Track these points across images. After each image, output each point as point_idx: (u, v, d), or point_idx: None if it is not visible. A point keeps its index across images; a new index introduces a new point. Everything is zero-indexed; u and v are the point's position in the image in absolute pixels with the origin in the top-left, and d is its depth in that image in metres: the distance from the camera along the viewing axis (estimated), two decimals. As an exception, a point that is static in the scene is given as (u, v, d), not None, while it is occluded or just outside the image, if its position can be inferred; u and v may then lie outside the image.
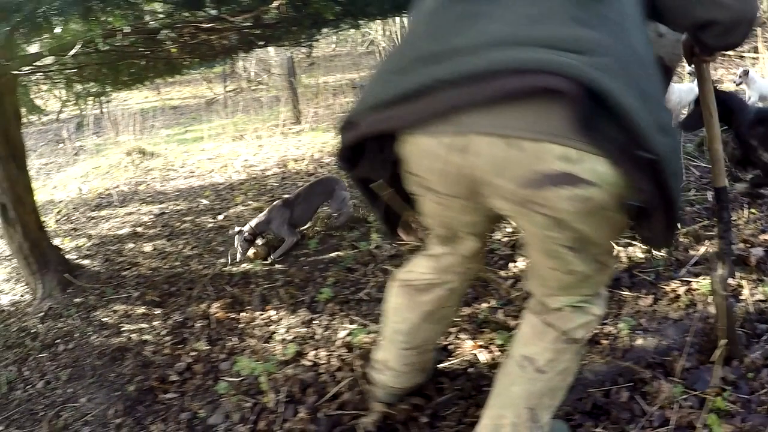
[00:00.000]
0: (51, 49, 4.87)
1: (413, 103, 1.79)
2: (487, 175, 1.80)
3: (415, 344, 2.76)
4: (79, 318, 5.18)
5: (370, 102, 1.96)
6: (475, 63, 1.67)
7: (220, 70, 20.65)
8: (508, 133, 1.69)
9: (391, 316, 2.77)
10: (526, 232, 2.06)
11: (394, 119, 1.88)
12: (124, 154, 11.91)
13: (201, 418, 3.48)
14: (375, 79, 2.03)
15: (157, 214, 8.06)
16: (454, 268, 2.54)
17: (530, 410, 2.29)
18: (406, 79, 1.81)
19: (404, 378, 2.90)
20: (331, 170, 8.45)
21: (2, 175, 5.28)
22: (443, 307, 2.69)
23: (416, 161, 1.97)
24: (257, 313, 4.55)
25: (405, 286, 2.67)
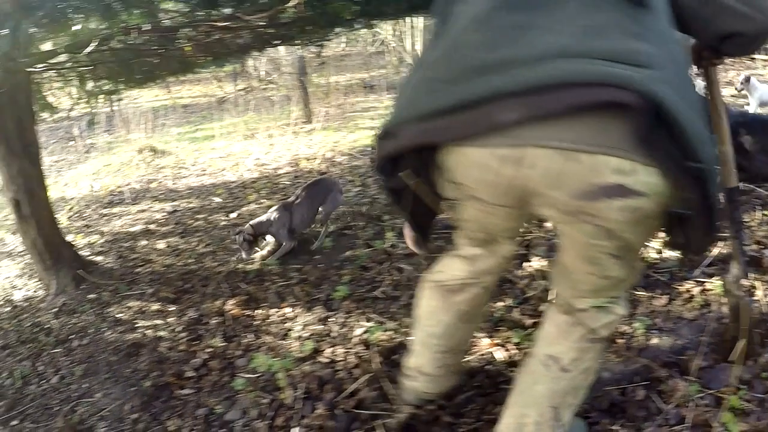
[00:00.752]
0: (67, 47, 4.87)
1: (468, 113, 1.75)
2: (541, 187, 1.79)
3: (450, 346, 2.75)
4: (93, 314, 5.18)
5: (413, 112, 1.92)
6: (538, 74, 1.65)
7: (231, 69, 20.65)
8: (567, 146, 1.68)
9: (425, 320, 2.75)
10: (569, 239, 2.06)
11: (444, 130, 1.84)
12: (135, 152, 11.94)
13: (218, 413, 3.47)
14: (416, 88, 1.98)
15: (169, 211, 8.08)
16: (491, 269, 2.52)
17: (554, 409, 2.30)
18: (458, 89, 1.77)
19: (439, 382, 2.89)
20: (343, 170, 8.47)
21: (16, 171, 5.30)
22: (477, 306, 2.68)
23: (464, 171, 1.94)
24: (273, 310, 4.54)
25: (438, 288, 2.64)
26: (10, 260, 7.33)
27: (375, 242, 5.32)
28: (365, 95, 16.68)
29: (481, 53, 1.77)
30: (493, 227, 2.20)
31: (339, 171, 8.48)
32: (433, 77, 1.90)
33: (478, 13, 1.86)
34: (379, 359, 3.48)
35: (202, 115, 17.94)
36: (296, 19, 5.30)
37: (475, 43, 1.80)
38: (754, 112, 7.72)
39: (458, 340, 2.77)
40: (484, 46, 1.77)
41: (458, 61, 1.82)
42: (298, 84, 13.60)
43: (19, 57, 4.62)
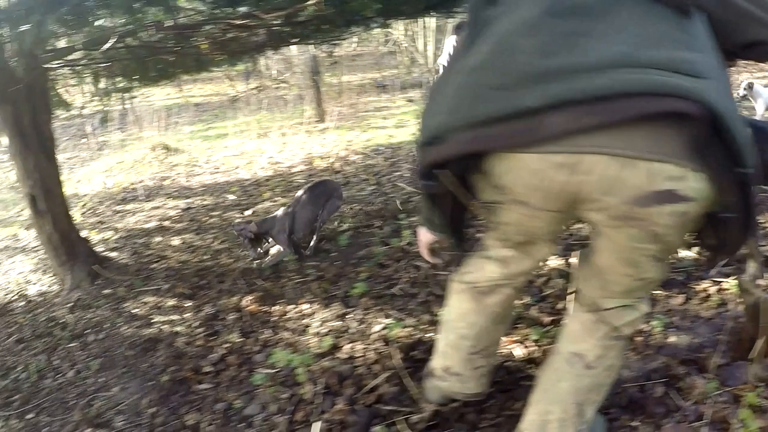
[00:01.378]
0: (85, 43, 4.89)
1: (525, 120, 1.74)
2: (595, 193, 1.80)
3: (482, 347, 2.73)
4: (108, 309, 5.19)
5: (463, 118, 1.88)
6: (600, 84, 1.66)
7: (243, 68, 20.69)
8: (624, 153, 1.68)
9: (456, 323, 2.73)
10: (611, 242, 2.04)
11: (500, 137, 1.82)
12: (148, 150, 11.98)
13: (237, 408, 3.47)
14: (461, 92, 1.92)
15: (183, 208, 8.09)
16: (524, 271, 2.50)
17: (578, 405, 2.32)
18: (514, 96, 1.75)
19: (473, 383, 2.86)
20: (357, 168, 8.48)
21: (32, 167, 5.31)
22: (508, 307, 2.68)
23: (513, 177, 1.91)
24: (290, 306, 4.54)
25: (469, 290, 2.63)
26: (23, 255, 7.36)
27: (391, 240, 5.32)
28: (377, 95, 16.71)
29: (535, 59, 1.75)
30: (535, 230, 2.18)
31: (353, 170, 8.49)
32: (481, 82, 1.86)
33: (527, 18, 1.83)
34: (399, 355, 3.48)
35: (214, 114, 18.00)
36: (312, 17, 5.30)
37: (528, 49, 1.77)
38: (761, 118, 7.70)
39: (490, 341, 2.76)
40: (539, 52, 1.75)
41: (511, 67, 1.79)
42: (311, 83, 13.59)
43: (39, 53, 4.65)
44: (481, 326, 2.65)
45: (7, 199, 11.17)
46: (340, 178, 8.05)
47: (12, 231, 8.68)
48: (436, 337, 3.02)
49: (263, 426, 3.25)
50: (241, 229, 5.37)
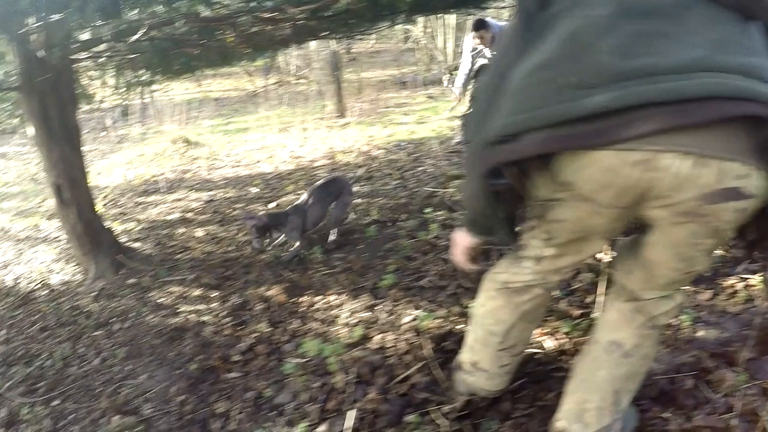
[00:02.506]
0: (113, 35, 4.88)
1: (608, 120, 1.74)
2: (666, 190, 1.80)
3: (510, 344, 2.73)
4: (133, 298, 5.20)
5: (540, 117, 1.86)
6: (685, 87, 1.67)
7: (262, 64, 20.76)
8: (699, 152, 1.71)
9: (485, 319, 2.73)
10: (668, 237, 2.04)
11: (579, 137, 1.81)
12: (168, 143, 12.01)
13: (267, 397, 3.46)
14: (531, 90, 1.90)
15: (206, 200, 8.11)
16: (565, 267, 2.46)
17: (615, 394, 2.36)
18: (595, 95, 1.74)
19: (498, 380, 2.87)
20: (381, 163, 8.49)
21: (58, 157, 5.32)
22: (540, 306, 2.66)
23: (584, 174, 1.89)
24: (318, 297, 4.54)
25: (502, 289, 2.61)
26: (45, 245, 7.38)
27: (418, 234, 5.31)
28: (397, 91, 16.71)
29: (615, 60, 1.75)
30: (593, 227, 2.15)
31: (376, 164, 8.50)
32: (556, 81, 1.83)
33: (599, 19, 1.82)
34: (430, 346, 3.47)
35: (233, 109, 18.04)
36: (340, 12, 5.29)
37: (606, 49, 1.76)
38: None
39: (519, 338, 2.75)
40: (618, 52, 1.75)
41: (589, 67, 1.78)
42: (332, 79, 13.60)
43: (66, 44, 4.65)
44: (510, 324, 2.64)
45: (27, 191, 11.24)
46: (363, 173, 8.08)
47: (33, 221, 8.71)
48: (466, 330, 3.01)
49: (295, 414, 3.24)
50: (249, 218, 5.34)
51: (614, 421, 2.39)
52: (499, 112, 1.97)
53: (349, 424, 2.95)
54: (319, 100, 14.53)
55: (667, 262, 2.13)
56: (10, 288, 6.23)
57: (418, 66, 21.36)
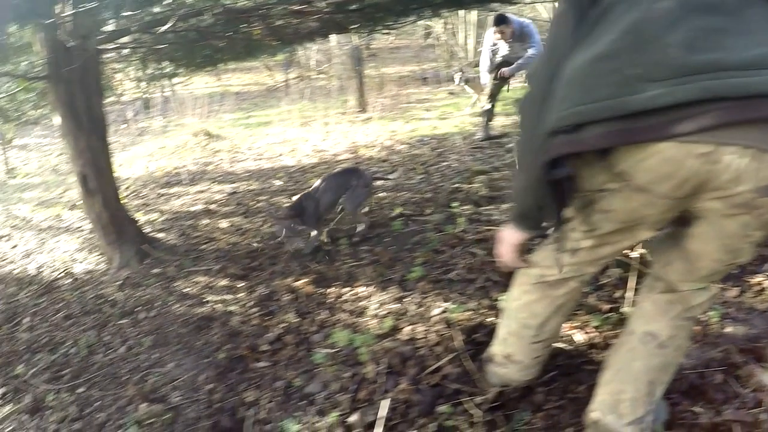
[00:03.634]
0: (141, 26, 4.90)
1: (676, 113, 1.74)
2: (724, 182, 1.81)
3: (544, 337, 2.75)
4: (159, 287, 5.21)
5: (606, 108, 1.84)
6: (750, 83, 1.67)
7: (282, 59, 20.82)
8: (762, 146, 1.72)
9: (520, 313, 2.74)
10: (717, 229, 2.04)
11: (646, 130, 1.80)
12: (190, 136, 12.04)
13: (297, 386, 3.45)
14: (595, 81, 1.88)
15: (229, 192, 8.12)
16: (603, 260, 2.47)
17: (649, 384, 2.37)
18: (663, 88, 1.73)
19: (532, 370, 2.89)
20: (404, 158, 8.48)
21: (84, 147, 5.35)
22: (574, 299, 2.66)
23: (642, 165, 1.88)
24: (345, 289, 4.53)
25: (538, 283, 2.62)
26: (68, 235, 7.43)
27: (446, 227, 5.29)
28: (418, 87, 16.70)
29: (682, 53, 1.74)
30: (644, 218, 2.13)
31: (399, 159, 8.49)
32: (624, 73, 1.82)
33: (664, 11, 1.81)
34: (460, 338, 3.47)
35: (253, 103, 18.08)
36: (368, 5, 5.28)
37: (673, 43, 1.75)
38: None
39: (552, 331, 2.76)
40: (684, 46, 1.75)
41: (657, 59, 1.77)
42: (353, 74, 13.60)
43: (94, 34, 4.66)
44: (545, 317, 2.66)
45: (49, 181, 11.31)
46: (387, 167, 8.07)
47: (55, 211, 8.76)
48: (497, 322, 3.04)
49: (325, 404, 3.22)
50: (275, 210, 5.29)
51: (647, 412, 2.39)
52: (558, 102, 1.96)
53: (382, 414, 2.94)
54: (340, 95, 14.52)
55: (711, 254, 2.12)
56: (33, 276, 6.27)
57: (438, 62, 21.35)
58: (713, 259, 2.13)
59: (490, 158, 7.77)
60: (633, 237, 2.25)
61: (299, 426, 3.08)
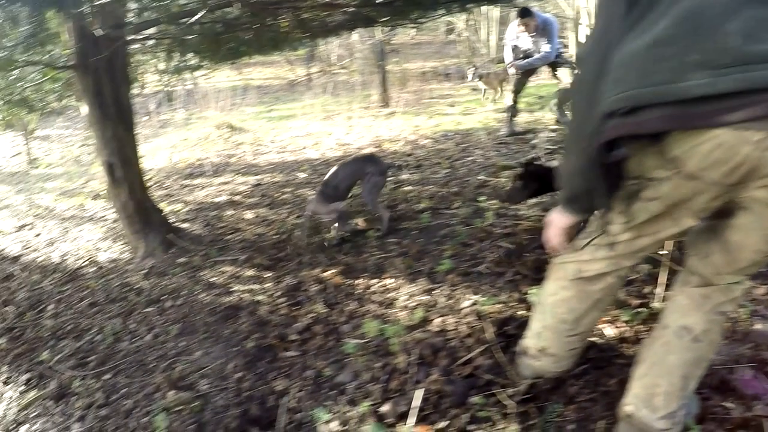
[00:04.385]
0: (170, 16, 4.89)
1: (737, 100, 1.73)
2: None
3: (580, 331, 2.76)
4: (185, 277, 5.21)
5: (662, 93, 1.84)
6: None
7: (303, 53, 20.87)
8: None
9: (557, 308, 2.74)
10: (760, 220, 2.05)
11: (704, 116, 1.80)
12: (212, 128, 12.08)
13: (327, 376, 3.44)
14: (650, 66, 1.89)
15: (253, 184, 8.13)
16: (641, 253, 2.46)
17: (684, 379, 2.38)
18: (721, 75, 1.74)
19: (566, 362, 2.91)
20: (429, 152, 8.49)
21: (111, 136, 5.36)
22: (611, 295, 2.67)
23: (695, 151, 1.88)
24: (373, 280, 4.52)
25: (576, 279, 2.62)
26: (91, 224, 7.45)
27: (473, 221, 5.28)
28: (440, 83, 16.69)
29: (741, 43, 1.74)
30: (691, 206, 2.12)
31: (424, 153, 8.49)
32: (682, 59, 1.82)
33: (721, 0, 1.82)
34: (491, 330, 3.47)
35: (275, 97, 18.10)
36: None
37: (732, 31, 1.75)
38: None
39: (588, 325, 2.78)
40: (743, 35, 1.74)
41: (716, 47, 1.77)
42: (376, 69, 13.61)
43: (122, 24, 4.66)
44: (581, 312, 2.67)
45: (71, 172, 11.34)
46: (412, 161, 8.07)
47: (78, 201, 8.79)
48: (529, 315, 3.04)
49: (357, 394, 3.21)
50: (331, 211, 5.28)
51: (680, 406, 2.41)
52: (613, 84, 1.96)
53: (416, 404, 2.93)
54: (363, 90, 14.52)
55: (753, 245, 2.13)
56: (56, 264, 6.27)
57: (459, 58, 21.33)
58: (754, 250, 2.13)
59: (515, 154, 7.76)
60: (673, 227, 2.23)
61: (330, 415, 3.07)
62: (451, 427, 2.84)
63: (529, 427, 2.76)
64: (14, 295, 5.65)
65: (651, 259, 3.86)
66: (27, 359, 4.41)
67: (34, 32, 4.67)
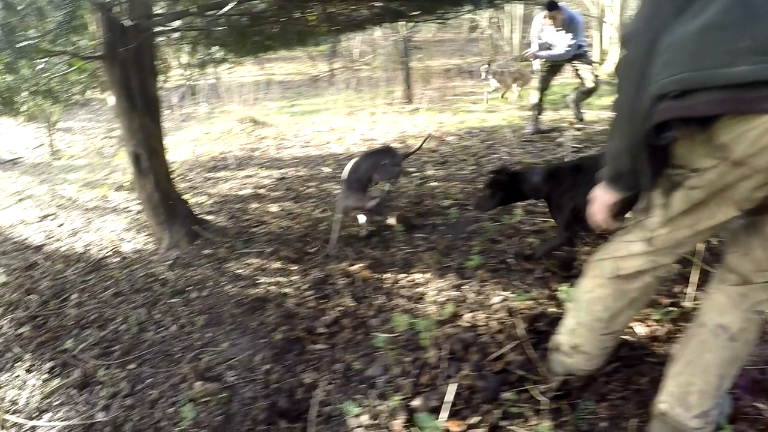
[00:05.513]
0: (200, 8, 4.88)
1: None
2: None
3: (614, 330, 2.75)
4: (210, 268, 5.20)
5: (713, 77, 1.84)
6: None
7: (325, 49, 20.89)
8: None
9: (593, 305, 2.72)
10: None
11: (756, 101, 1.79)
12: (235, 122, 12.10)
13: (356, 369, 3.42)
14: (701, 50, 1.89)
15: (277, 178, 8.13)
16: (679, 247, 2.43)
17: (719, 377, 2.39)
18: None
19: (598, 360, 2.90)
20: (454, 149, 8.47)
21: (138, 127, 5.37)
22: (648, 294, 2.66)
23: (748, 137, 1.87)
24: (401, 275, 4.50)
25: (613, 277, 2.61)
26: (115, 215, 7.46)
27: (502, 217, 5.27)
28: (463, 80, 16.68)
29: None
30: (733, 194, 2.11)
31: (449, 150, 8.46)
32: (737, 44, 1.82)
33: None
34: (522, 326, 3.46)
35: (297, 92, 18.12)
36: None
37: None
38: None
39: (622, 324, 2.77)
40: None
41: (765, 33, 1.78)
42: (399, 65, 13.61)
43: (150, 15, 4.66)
44: (616, 310, 2.66)
45: (93, 163, 11.36)
46: (437, 157, 8.04)
47: (101, 192, 8.80)
48: (560, 312, 3.12)
49: (387, 387, 3.19)
50: (373, 199, 5.25)
51: (714, 405, 2.41)
52: (663, 67, 1.95)
53: (449, 398, 2.91)
54: (386, 86, 14.50)
55: None
56: (80, 254, 6.28)
57: (482, 56, 21.31)
58: None
59: (541, 152, 7.72)
60: (713, 218, 2.22)
61: (360, 409, 3.05)
62: (484, 423, 2.82)
63: (562, 424, 2.75)
64: (37, 284, 5.66)
65: (682, 259, 3.84)
66: (50, 347, 4.42)
67: (65, 21, 4.68)
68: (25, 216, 8.25)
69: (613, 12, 16.41)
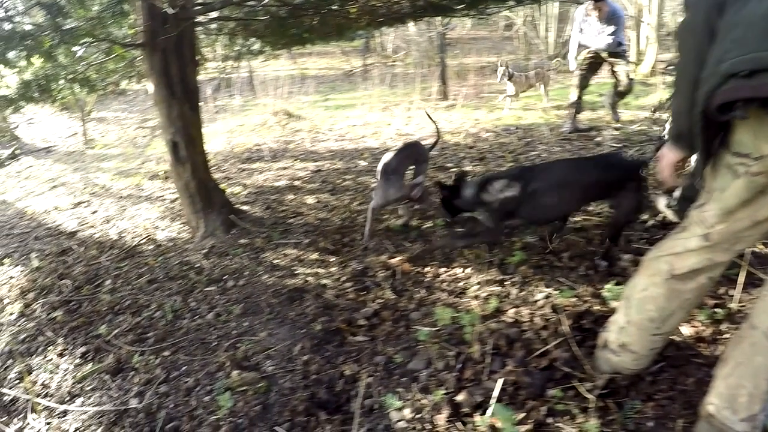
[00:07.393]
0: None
1: None
2: None
3: (665, 330, 2.72)
4: (246, 258, 5.18)
5: None
6: None
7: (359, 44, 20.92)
8: None
9: (646, 305, 2.69)
10: None
11: None
12: (269, 115, 12.13)
13: (398, 362, 3.38)
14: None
15: (313, 170, 8.11)
16: (738, 242, 2.39)
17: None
18: None
19: (645, 360, 2.87)
20: (491, 145, 8.41)
21: (176, 115, 5.35)
22: (701, 296, 2.62)
23: None
24: (442, 269, 4.45)
25: (669, 278, 2.57)
26: (149, 204, 7.48)
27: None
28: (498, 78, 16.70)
29: None
30: None
31: (487, 146, 8.41)
32: None
33: None
34: (568, 323, 3.41)
35: (330, 86, 18.14)
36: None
37: None
38: None
39: (672, 326, 2.73)
40: None
41: None
42: (435, 61, 13.62)
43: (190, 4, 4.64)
44: (670, 311, 2.63)
45: (127, 153, 11.41)
46: (475, 153, 7.98)
47: (134, 181, 8.84)
48: (605, 311, 3.12)
49: (430, 381, 3.15)
50: (413, 186, 5.21)
51: (762, 409, 2.36)
52: (732, 43, 1.95)
53: (496, 393, 2.86)
54: (421, 82, 14.48)
55: None
56: (114, 241, 6.30)
57: (516, 54, 21.24)
58: None
59: (579, 151, 7.64)
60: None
61: (402, 402, 3.01)
62: (529, 419, 2.78)
63: (608, 422, 2.72)
64: (71, 269, 5.68)
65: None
66: (83, 332, 4.42)
67: (108, 8, 4.67)
68: (59, 203, 8.28)
69: (650, 12, 16.25)
